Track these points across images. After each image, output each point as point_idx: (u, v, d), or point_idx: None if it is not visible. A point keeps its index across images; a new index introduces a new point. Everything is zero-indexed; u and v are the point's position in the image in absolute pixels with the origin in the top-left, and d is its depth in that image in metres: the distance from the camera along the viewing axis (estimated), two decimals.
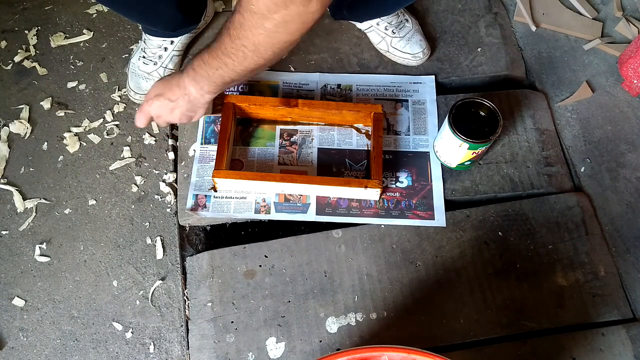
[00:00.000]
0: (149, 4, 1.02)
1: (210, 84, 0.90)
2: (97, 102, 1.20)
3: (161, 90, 0.95)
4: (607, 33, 1.28)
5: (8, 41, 1.26)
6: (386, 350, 0.69)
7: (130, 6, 1.03)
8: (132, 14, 1.10)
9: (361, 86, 1.17)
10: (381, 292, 0.99)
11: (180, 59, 1.19)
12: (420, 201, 1.05)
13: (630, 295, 1.00)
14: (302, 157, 1.09)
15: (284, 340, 0.96)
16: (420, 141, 1.11)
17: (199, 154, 1.10)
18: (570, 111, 1.18)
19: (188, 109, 0.95)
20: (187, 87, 0.92)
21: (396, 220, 1.03)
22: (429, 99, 1.15)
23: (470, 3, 1.29)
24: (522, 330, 0.96)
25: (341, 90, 1.17)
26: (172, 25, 1.12)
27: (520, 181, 1.08)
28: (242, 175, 1.00)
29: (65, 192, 1.11)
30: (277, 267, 1.01)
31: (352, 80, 1.18)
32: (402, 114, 1.14)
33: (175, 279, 1.03)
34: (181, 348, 0.98)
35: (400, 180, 1.07)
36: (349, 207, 1.05)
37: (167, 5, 1.05)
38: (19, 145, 1.15)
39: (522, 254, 1.01)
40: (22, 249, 1.06)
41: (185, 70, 0.92)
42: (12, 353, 0.98)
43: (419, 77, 1.18)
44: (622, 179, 1.10)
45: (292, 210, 1.05)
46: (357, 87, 1.17)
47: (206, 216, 1.05)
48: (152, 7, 1.03)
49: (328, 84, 1.17)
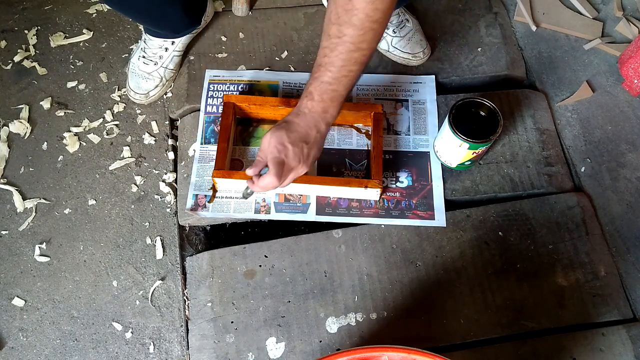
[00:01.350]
0: (157, 7, 1.03)
1: (332, 104, 0.82)
2: (97, 102, 1.20)
3: (287, 137, 0.83)
4: (608, 33, 1.28)
5: (8, 41, 1.26)
6: (386, 350, 0.69)
7: (139, 10, 1.04)
8: (140, 18, 1.11)
9: (361, 86, 1.17)
10: (381, 292, 0.99)
11: (181, 59, 1.19)
12: (420, 201, 1.05)
13: (630, 295, 1.00)
14: None
15: (284, 340, 0.96)
16: (420, 141, 1.11)
17: (199, 154, 1.10)
18: (571, 111, 1.18)
19: (320, 145, 0.86)
20: (315, 119, 0.83)
21: (396, 220, 1.03)
22: (429, 99, 1.15)
23: (471, 3, 1.29)
24: (522, 330, 0.96)
25: None
26: (177, 27, 1.13)
27: (521, 181, 1.08)
28: (242, 176, 1.00)
29: (65, 192, 1.11)
30: (277, 267, 1.01)
31: None
32: (402, 114, 1.14)
33: (175, 279, 1.03)
34: (181, 348, 0.98)
35: (400, 180, 1.07)
36: (349, 207, 1.05)
37: (173, 8, 1.06)
38: (18, 145, 1.15)
39: (522, 254, 1.01)
40: (22, 249, 1.06)
41: (300, 107, 0.85)
42: (12, 353, 0.98)
43: (419, 77, 1.18)
44: (622, 179, 1.10)
45: (292, 210, 1.04)
46: (357, 87, 1.17)
47: (206, 216, 1.05)
48: (159, 10, 1.05)
49: None
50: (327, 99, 0.82)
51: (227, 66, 1.20)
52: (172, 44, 1.15)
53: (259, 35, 1.24)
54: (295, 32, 1.25)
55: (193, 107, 1.17)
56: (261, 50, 1.23)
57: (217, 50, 1.22)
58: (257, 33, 1.25)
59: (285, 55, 1.21)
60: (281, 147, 0.83)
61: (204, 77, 1.18)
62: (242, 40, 1.24)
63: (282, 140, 0.83)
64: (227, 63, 1.21)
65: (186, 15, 1.10)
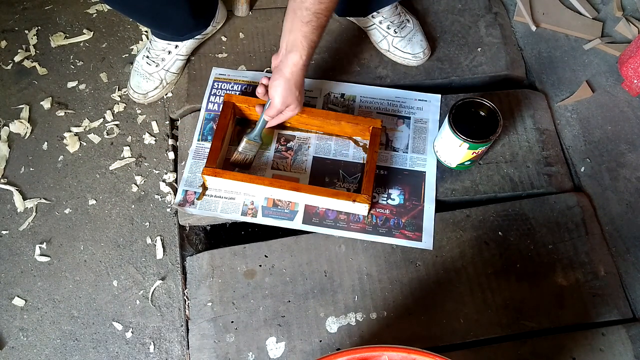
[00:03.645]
0: (161, 9, 1.03)
1: (302, 49, 0.90)
2: (97, 102, 1.20)
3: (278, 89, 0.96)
4: (607, 33, 1.28)
5: (8, 41, 1.26)
6: (386, 350, 0.69)
7: (142, 11, 1.03)
8: (144, 19, 1.11)
9: (365, 98, 1.16)
10: (381, 292, 0.99)
11: (184, 63, 1.19)
12: (409, 221, 1.04)
13: (630, 295, 1.00)
14: (296, 164, 1.09)
15: (284, 340, 0.96)
16: (417, 160, 1.09)
17: (195, 150, 1.10)
18: (570, 111, 1.18)
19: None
20: (293, 63, 0.92)
21: (382, 237, 1.02)
22: (431, 119, 1.14)
23: (470, 3, 1.29)
24: (522, 330, 0.96)
25: (344, 99, 1.16)
26: (181, 30, 1.13)
27: (520, 181, 1.08)
28: (232, 176, 1.00)
29: (65, 192, 1.11)
30: (277, 267, 1.01)
31: (357, 90, 1.17)
32: (402, 131, 1.12)
33: (175, 279, 1.03)
34: (181, 348, 0.98)
35: (392, 197, 1.06)
36: (336, 219, 1.04)
37: (179, 11, 1.06)
38: (19, 145, 1.15)
39: (522, 254, 1.01)
40: (22, 248, 1.06)
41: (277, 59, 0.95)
42: (12, 353, 0.98)
43: (424, 95, 1.16)
44: (622, 179, 1.11)
45: (278, 216, 1.04)
46: (360, 99, 1.16)
47: (192, 213, 1.04)
48: (164, 12, 1.04)
49: (332, 92, 1.16)
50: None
51: (227, 66, 1.20)
52: (175, 48, 1.15)
53: (259, 35, 1.25)
54: None
55: (193, 107, 1.17)
56: (261, 51, 1.23)
57: (218, 50, 1.22)
58: (257, 33, 1.25)
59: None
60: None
61: (210, 75, 1.18)
62: (242, 40, 1.24)
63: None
64: (227, 63, 1.21)
65: (192, 19, 1.09)
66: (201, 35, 1.18)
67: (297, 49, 0.89)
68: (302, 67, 0.92)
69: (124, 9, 1.04)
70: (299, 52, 0.90)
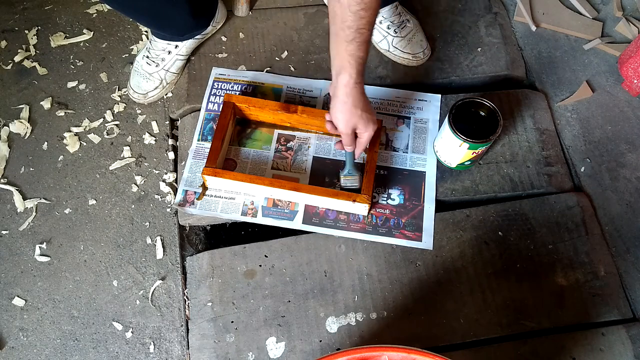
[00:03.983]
0: (161, 9, 1.03)
1: (351, 68, 0.87)
2: (97, 102, 1.20)
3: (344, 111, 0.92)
4: (607, 33, 1.28)
5: (8, 41, 1.26)
6: (386, 350, 0.69)
7: (142, 11, 1.03)
8: (144, 19, 1.11)
9: None
10: (381, 292, 0.99)
11: (184, 63, 1.19)
12: (409, 221, 1.04)
13: (630, 295, 1.00)
14: (296, 164, 1.09)
15: (284, 340, 0.96)
16: (417, 160, 1.09)
17: (195, 150, 1.10)
18: (570, 111, 1.18)
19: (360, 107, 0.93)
20: (344, 84, 0.88)
21: (382, 237, 1.02)
22: (431, 119, 1.14)
23: (470, 3, 1.29)
24: (522, 330, 0.96)
25: None
26: (181, 30, 1.13)
27: (520, 181, 1.08)
28: (232, 176, 1.00)
29: (65, 192, 1.11)
30: (277, 267, 1.01)
31: None
32: (402, 131, 1.12)
33: (175, 279, 1.03)
34: (181, 348, 0.98)
35: (392, 197, 1.06)
36: (336, 219, 1.04)
37: (179, 11, 1.06)
38: (19, 145, 1.15)
39: (522, 254, 1.01)
40: (22, 248, 1.06)
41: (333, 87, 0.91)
42: (12, 353, 0.98)
43: (424, 95, 1.16)
44: (622, 179, 1.11)
45: (278, 216, 1.04)
46: None
47: (192, 213, 1.05)
48: (163, 12, 1.04)
49: None
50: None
51: (227, 66, 1.20)
52: (175, 48, 1.15)
53: (259, 35, 1.25)
54: (295, 32, 1.25)
55: (193, 107, 1.17)
56: (261, 51, 1.23)
57: (217, 50, 1.22)
58: (257, 33, 1.25)
59: (285, 56, 1.22)
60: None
61: (210, 75, 1.18)
62: (242, 41, 1.24)
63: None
64: (227, 63, 1.21)
65: (192, 19, 1.09)
66: (201, 35, 1.18)
67: (345, 69, 0.86)
68: (355, 85, 0.88)
69: (124, 9, 1.04)
70: (348, 71, 0.86)
